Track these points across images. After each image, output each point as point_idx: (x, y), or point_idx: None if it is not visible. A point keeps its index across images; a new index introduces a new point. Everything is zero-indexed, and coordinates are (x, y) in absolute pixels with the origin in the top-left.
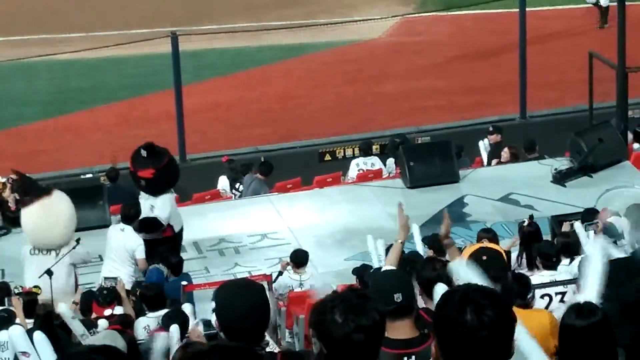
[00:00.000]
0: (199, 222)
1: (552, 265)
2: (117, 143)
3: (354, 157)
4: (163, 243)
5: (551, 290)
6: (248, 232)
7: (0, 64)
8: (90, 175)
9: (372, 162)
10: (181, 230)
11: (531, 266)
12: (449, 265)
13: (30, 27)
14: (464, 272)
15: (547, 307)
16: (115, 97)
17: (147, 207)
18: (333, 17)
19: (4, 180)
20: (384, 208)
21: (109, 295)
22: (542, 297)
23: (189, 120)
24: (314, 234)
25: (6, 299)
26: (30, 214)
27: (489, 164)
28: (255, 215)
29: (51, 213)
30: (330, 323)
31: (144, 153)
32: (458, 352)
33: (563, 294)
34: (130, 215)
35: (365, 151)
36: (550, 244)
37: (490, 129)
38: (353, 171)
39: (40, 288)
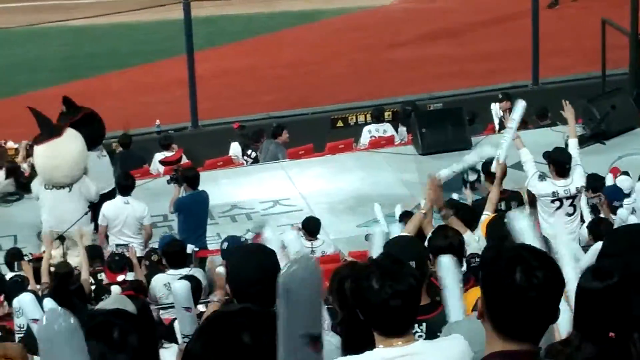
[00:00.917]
0: (211, 189)
1: (565, 173)
2: (129, 109)
3: (366, 123)
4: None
5: (562, 195)
6: (260, 199)
7: (12, 29)
8: None
9: (384, 129)
10: (109, 194)
11: None
12: (465, 238)
13: None
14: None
15: (557, 209)
16: (127, 63)
17: None
18: None
19: (16, 146)
20: (396, 175)
21: (120, 261)
22: (552, 202)
23: (200, 87)
24: (326, 201)
25: (16, 264)
26: (37, 154)
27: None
28: (267, 181)
29: (57, 154)
30: (367, 289)
31: (63, 108)
32: (504, 311)
33: (573, 197)
34: (129, 185)
35: (377, 118)
36: (562, 150)
37: (500, 96)
38: (365, 138)
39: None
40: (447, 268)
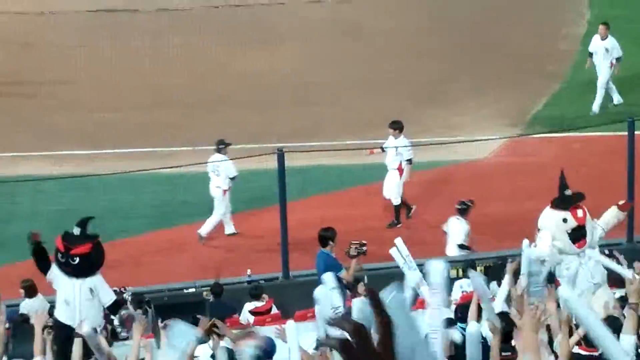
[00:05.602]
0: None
1: None
2: (221, 257)
3: (457, 278)
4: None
5: None
6: None
7: (107, 177)
8: (192, 290)
9: None
10: None
11: None
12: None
13: (136, 140)
14: None
15: None
16: None
17: (84, 292)
18: (439, 136)
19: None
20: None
21: None
22: None
23: (292, 237)
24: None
25: None
26: None
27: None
28: None
29: None
30: None
31: (77, 231)
32: None
33: None
34: None
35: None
36: None
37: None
38: (456, 292)
39: None
40: None
